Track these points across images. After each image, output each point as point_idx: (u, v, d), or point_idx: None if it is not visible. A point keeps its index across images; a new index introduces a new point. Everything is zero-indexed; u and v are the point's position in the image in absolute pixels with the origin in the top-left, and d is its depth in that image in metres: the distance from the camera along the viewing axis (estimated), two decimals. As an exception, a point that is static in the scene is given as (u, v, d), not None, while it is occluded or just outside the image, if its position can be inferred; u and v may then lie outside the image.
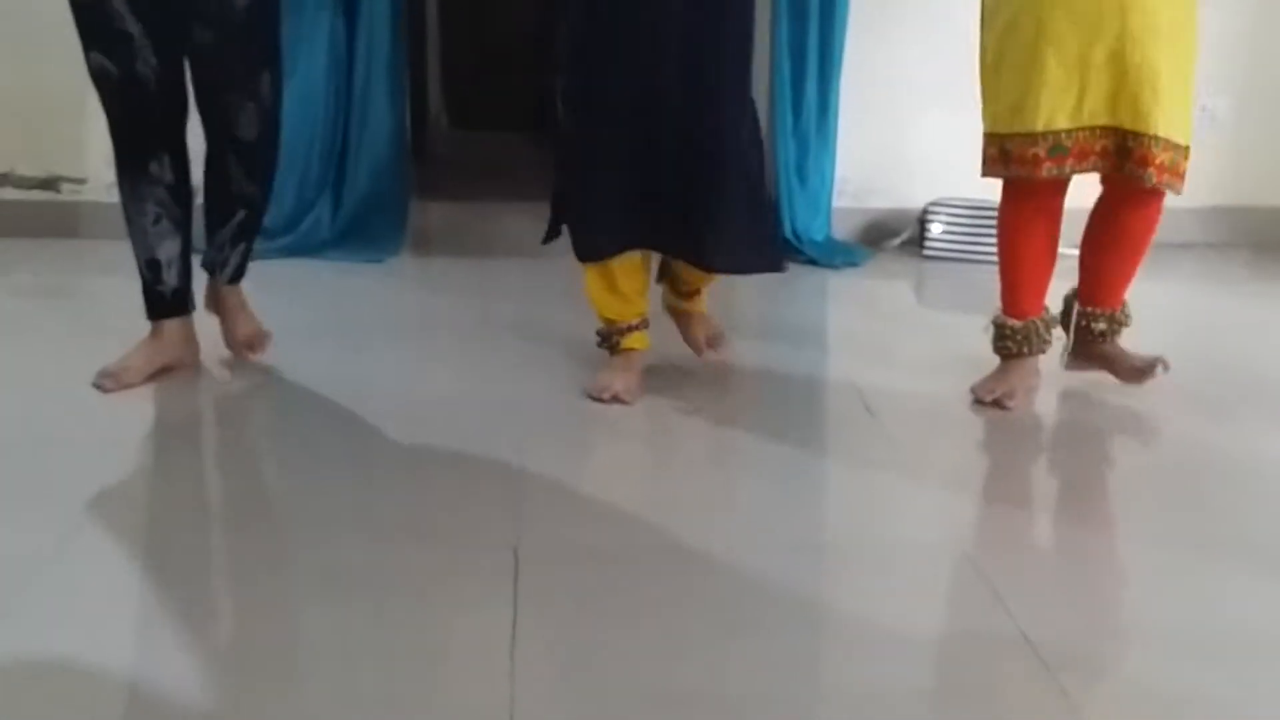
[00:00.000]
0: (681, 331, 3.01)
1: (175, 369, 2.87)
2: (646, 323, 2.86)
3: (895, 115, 4.31)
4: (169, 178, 2.77)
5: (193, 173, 2.84)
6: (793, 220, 4.21)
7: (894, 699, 1.70)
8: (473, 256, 4.25)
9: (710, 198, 2.63)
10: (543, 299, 3.60)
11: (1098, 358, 2.91)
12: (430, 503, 2.32)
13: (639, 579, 2.01)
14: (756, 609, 1.92)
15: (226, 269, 2.94)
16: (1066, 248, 2.82)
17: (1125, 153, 2.60)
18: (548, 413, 2.75)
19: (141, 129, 2.73)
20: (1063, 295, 2.90)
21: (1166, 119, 2.57)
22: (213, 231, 2.91)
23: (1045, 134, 2.60)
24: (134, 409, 2.72)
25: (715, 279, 2.90)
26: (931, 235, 4.28)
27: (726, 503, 2.40)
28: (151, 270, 2.82)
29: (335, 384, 2.85)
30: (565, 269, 3.01)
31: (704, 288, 2.97)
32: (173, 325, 2.86)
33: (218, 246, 2.92)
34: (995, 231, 2.86)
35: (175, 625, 1.85)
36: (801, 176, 4.26)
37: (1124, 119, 2.59)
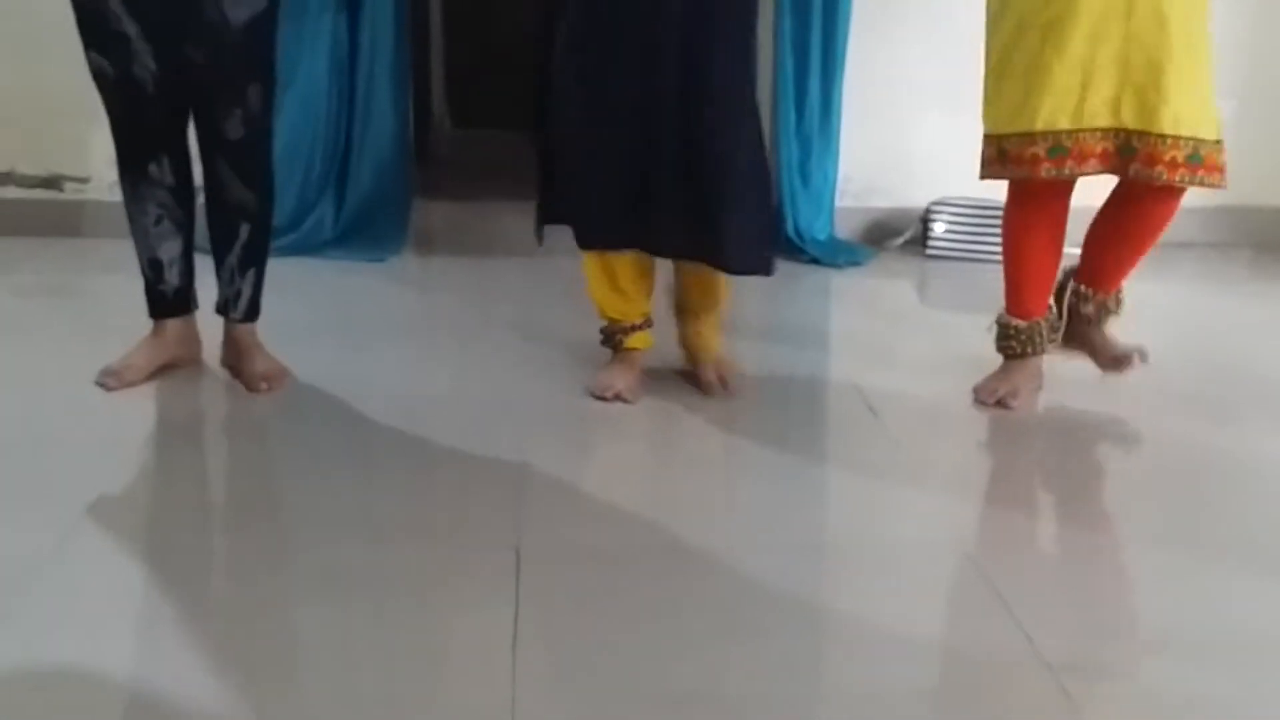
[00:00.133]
0: (692, 366, 2.90)
1: (177, 367, 2.88)
2: (650, 322, 2.85)
3: (898, 114, 4.30)
4: (170, 180, 2.77)
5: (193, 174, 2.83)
6: (795, 219, 4.20)
7: (894, 700, 1.70)
8: (475, 256, 4.24)
9: (709, 197, 2.63)
10: (544, 299, 3.59)
11: (1081, 342, 2.89)
12: (431, 502, 2.32)
13: (640, 579, 2.01)
14: (757, 609, 1.92)
15: (240, 302, 2.82)
16: (1072, 248, 2.81)
17: (1131, 153, 2.59)
18: (549, 412, 2.75)
19: (140, 131, 2.72)
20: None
21: (1175, 116, 2.54)
22: (220, 259, 2.82)
23: (1045, 134, 2.59)
24: (136, 407, 2.73)
25: (716, 299, 2.83)
26: (934, 235, 4.28)
27: (728, 503, 2.40)
28: (153, 269, 2.83)
29: (337, 383, 2.85)
30: (566, 269, 3.01)
31: (706, 314, 2.86)
32: (175, 324, 2.88)
33: (227, 279, 2.82)
34: (998, 231, 2.85)
35: (175, 625, 1.85)
36: (804, 176, 4.25)
37: (1127, 119, 2.57)
